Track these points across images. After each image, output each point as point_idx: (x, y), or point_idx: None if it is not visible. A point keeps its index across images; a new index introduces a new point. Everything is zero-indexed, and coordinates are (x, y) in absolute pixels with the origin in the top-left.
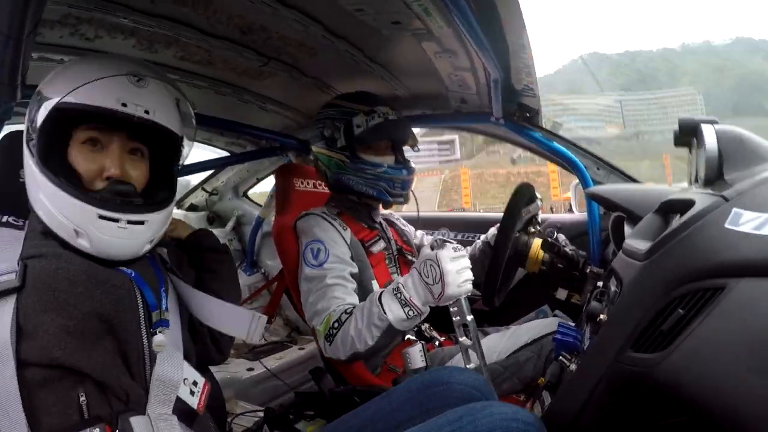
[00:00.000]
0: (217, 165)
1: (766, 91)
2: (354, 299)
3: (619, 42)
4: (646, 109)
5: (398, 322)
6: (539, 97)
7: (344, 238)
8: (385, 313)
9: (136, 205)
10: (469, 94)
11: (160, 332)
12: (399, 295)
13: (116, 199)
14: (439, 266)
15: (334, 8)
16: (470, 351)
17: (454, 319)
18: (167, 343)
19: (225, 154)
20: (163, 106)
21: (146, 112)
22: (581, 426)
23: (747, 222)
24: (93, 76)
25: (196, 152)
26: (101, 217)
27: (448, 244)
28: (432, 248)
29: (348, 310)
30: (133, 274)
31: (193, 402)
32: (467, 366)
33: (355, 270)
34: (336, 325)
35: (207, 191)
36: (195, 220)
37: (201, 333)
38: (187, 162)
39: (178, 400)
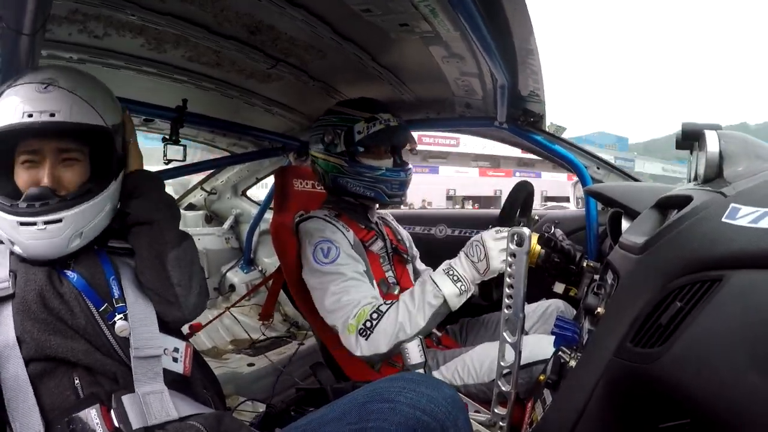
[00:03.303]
0: (217, 165)
1: None
2: (377, 293)
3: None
4: None
5: (451, 297)
6: (545, 102)
7: (348, 239)
8: (440, 289)
9: (51, 205)
10: (475, 100)
11: (119, 319)
12: (451, 272)
13: (34, 204)
14: (483, 245)
15: (341, 9)
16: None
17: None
18: (133, 324)
19: (225, 154)
20: (70, 106)
21: (51, 115)
22: (582, 429)
23: (744, 216)
24: (8, 99)
25: (197, 152)
26: (21, 223)
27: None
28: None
29: (386, 302)
30: (75, 279)
31: (179, 368)
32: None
33: (365, 267)
34: (375, 316)
35: (206, 190)
36: (192, 219)
37: (149, 294)
38: (187, 162)
39: (165, 371)
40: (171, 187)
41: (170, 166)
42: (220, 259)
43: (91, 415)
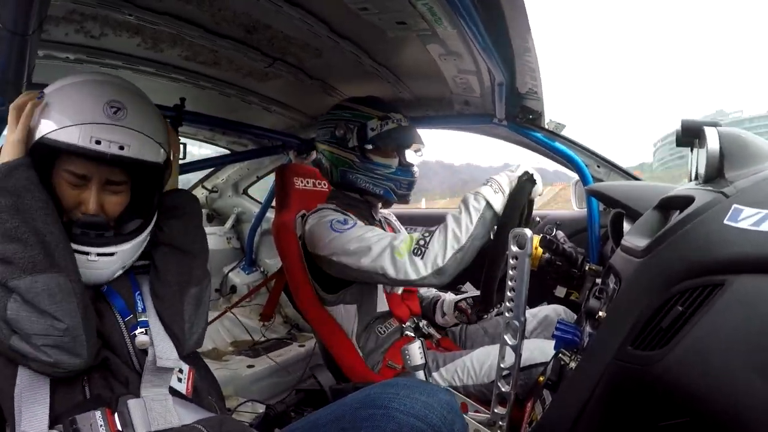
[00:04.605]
0: (218, 163)
1: None
2: None
3: None
4: None
5: (490, 194)
6: (543, 99)
7: None
8: (478, 192)
9: (106, 237)
10: (473, 97)
11: (140, 333)
12: (482, 183)
13: (89, 232)
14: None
15: (338, 7)
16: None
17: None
18: (152, 338)
19: (226, 152)
20: (139, 139)
21: (121, 147)
22: (582, 428)
23: (746, 218)
24: (72, 111)
25: (197, 150)
26: (73, 251)
27: None
28: None
29: (429, 229)
30: (105, 288)
31: (182, 388)
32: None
33: None
34: (425, 235)
35: (207, 189)
36: None
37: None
38: (187, 160)
39: (170, 388)
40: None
41: None
42: (221, 259)
43: (96, 416)
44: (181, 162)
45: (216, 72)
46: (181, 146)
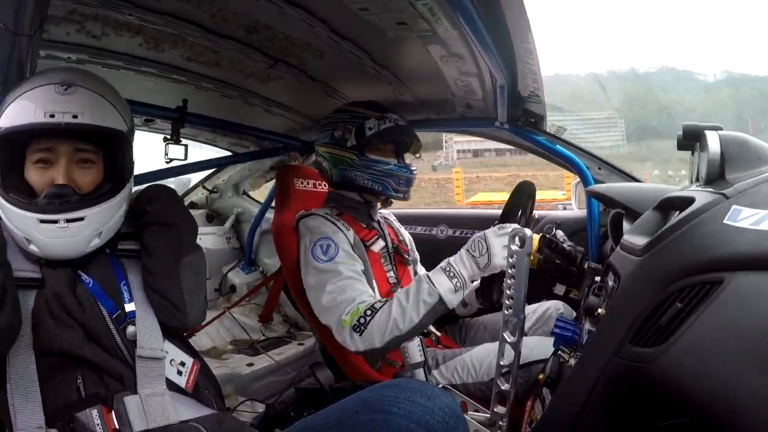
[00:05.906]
0: (219, 164)
1: (685, 119)
2: (373, 293)
3: (550, 64)
4: (572, 130)
5: (447, 293)
6: (545, 103)
7: (348, 238)
8: (435, 286)
9: (73, 203)
10: (475, 100)
11: (130, 324)
12: (448, 268)
13: (54, 201)
14: (485, 241)
15: (339, 7)
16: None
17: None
18: (139, 325)
19: (227, 153)
20: (93, 107)
21: (74, 117)
22: (581, 428)
23: (746, 218)
24: (25, 95)
25: (199, 151)
26: (41, 221)
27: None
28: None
29: (380, 300)
30: (90, 284)
31: (181, 381)
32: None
33: (363, 267)
34: (369, 312)
35: (207, 189)
36: None
37: (153, 297)
38: (189, 161)
39: (167, 380)
40: (171, 186)
41: (172, 164)
42: (220, 259)
43: (92, 415)
44: (182, 163)
45: (218, 73)
46: (182, 148)
